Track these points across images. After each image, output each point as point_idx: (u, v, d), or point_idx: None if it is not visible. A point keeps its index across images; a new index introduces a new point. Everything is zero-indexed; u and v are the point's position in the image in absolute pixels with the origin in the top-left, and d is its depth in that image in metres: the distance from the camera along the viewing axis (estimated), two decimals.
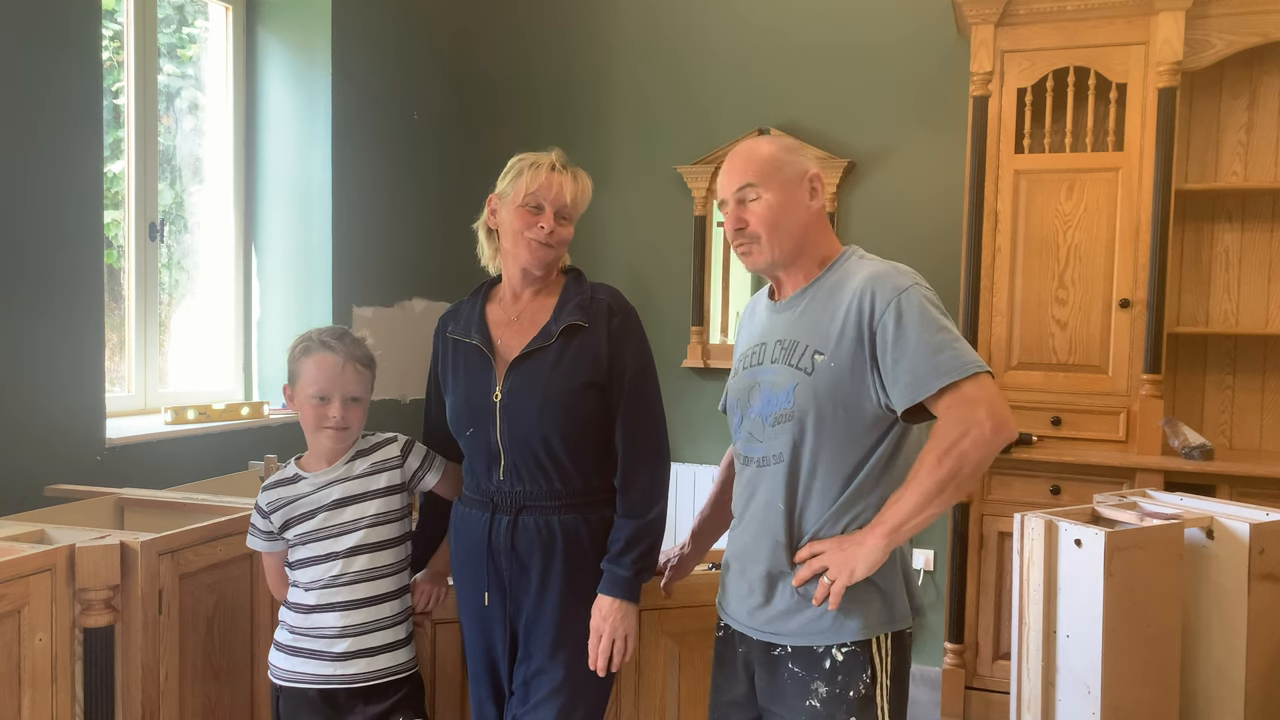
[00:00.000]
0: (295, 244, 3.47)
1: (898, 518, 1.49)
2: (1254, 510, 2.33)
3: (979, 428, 1.45)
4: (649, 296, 3.96)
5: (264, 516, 1.87)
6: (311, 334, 1.89)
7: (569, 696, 1.75)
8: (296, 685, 1.84)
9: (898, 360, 1.50)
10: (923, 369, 1.47)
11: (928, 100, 3.65)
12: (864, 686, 1.54)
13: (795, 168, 1.63)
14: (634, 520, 1.77)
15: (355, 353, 1.87)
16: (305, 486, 1.86)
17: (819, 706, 1.55)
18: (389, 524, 1.88)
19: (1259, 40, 3.03)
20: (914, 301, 1.51)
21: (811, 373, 1.55)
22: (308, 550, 1.85)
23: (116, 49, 2.95)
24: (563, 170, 1.82)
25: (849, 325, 1.54)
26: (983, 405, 1.45)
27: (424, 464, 1.93)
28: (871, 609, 1.55)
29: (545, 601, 1.77)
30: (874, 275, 1.56)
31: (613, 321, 1.81)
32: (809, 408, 1.55)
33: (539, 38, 4.15)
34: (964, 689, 3.24)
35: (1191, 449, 3.04)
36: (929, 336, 1.49)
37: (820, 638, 1.55)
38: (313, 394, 1.83)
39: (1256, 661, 2.24)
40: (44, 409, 2.45)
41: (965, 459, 1.45)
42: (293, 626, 1.86)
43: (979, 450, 1.45)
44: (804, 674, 1.56)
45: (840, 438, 1.55)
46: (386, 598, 1.86)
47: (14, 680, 1.68)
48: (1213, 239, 3.39)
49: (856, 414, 1.54)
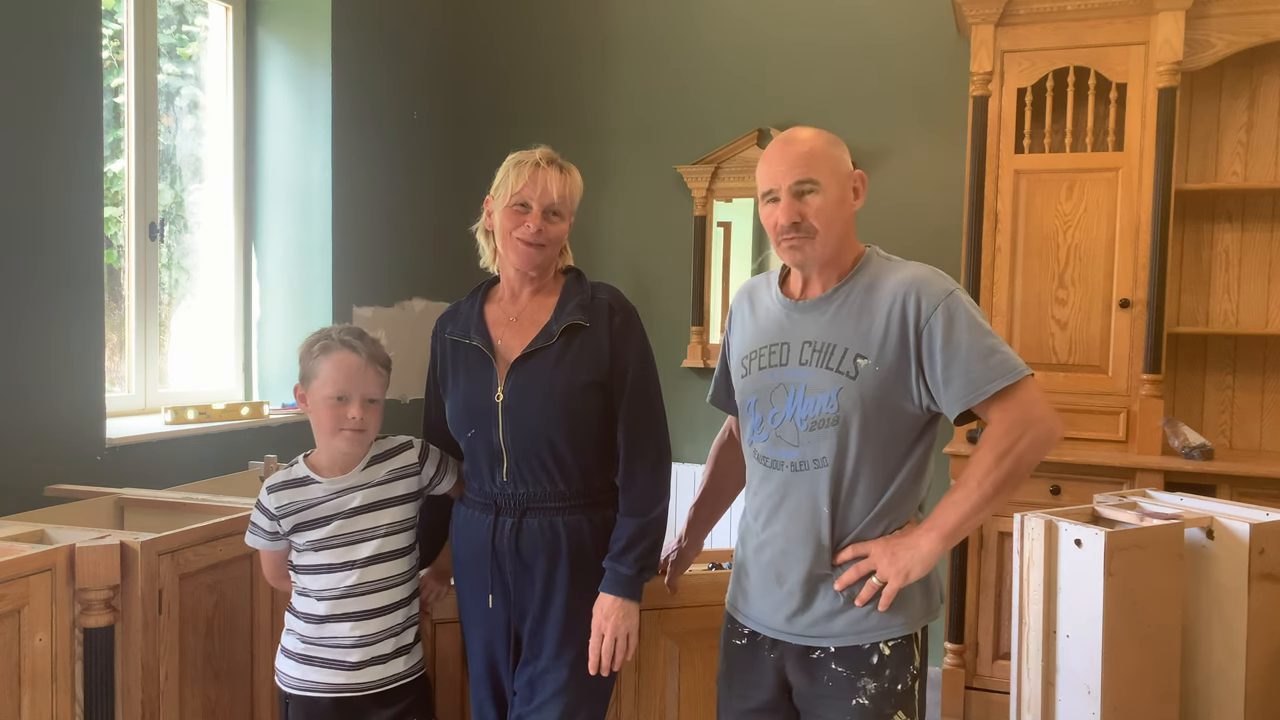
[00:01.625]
0: (295, 244, 3.46)
1: (954, 520, 1.50)
2: (1254, 510, 2.33)
3: (1038, 428, 1.48)
4: (649, 296, 3.96)
5: (272, 519, 1.80)
6: (329, 331, 1.82)
7: (573, 697, 1.75)
8: (309, 694, 1.80)
9: (949, 363, 1.51)
10: (977, 372, 1.49)
11: (928, 100, 3.65)
12: (910, 679, 1.57)
13: (846, 165, 1.62)
14: (636, 519, 1.77)
15: (375, 353, 1.82)
16: (320, 491, 1.80)
17: (868, 704, 1.55)
18: (403, 532, 1.84)
19: (1259, 40, 3.03)
20: (961, 305, 1.53)
21: (855, 376, 1.54)
22: (319, 557, 1.79)
23: (116, 48, 2.95)
24: (548, 166, 1.79)
25: (893, 328, 1.54)
26: (1039, 406, 1.49)
27: (440, 470, 1.89)
28: (915, 604, 1.58)
29: (550, 603, 1.77)
30: (915, 279, 1.56)
31: (614, 320, 1.80)
32: (854, 411, 1.54)
33: (539, 37, 4.15)
34: (964, 689, 3.24)
35: (1191, 449, 3.03)
36: (980, 340, 1.51)
37: (868, 635, 1.56)
38: (330, 394, 1.77)
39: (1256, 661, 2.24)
40: (44, 409, 2.45)
41: (1023, 460, 1.48)
42: (304, 635, 1.81)
43: (1038, 451, 1.49)
44: (849, 673, 1.56)
45: (884, 440, 1.56)
46: (398, 605, 1.83)
47: (14, 680, 1.68)
48: (1213, 239, 3.39)
49: (899, 417, 1.55)
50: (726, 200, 3.92)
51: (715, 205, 3.92)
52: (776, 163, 1.60)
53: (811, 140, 1.60)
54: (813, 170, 1.57)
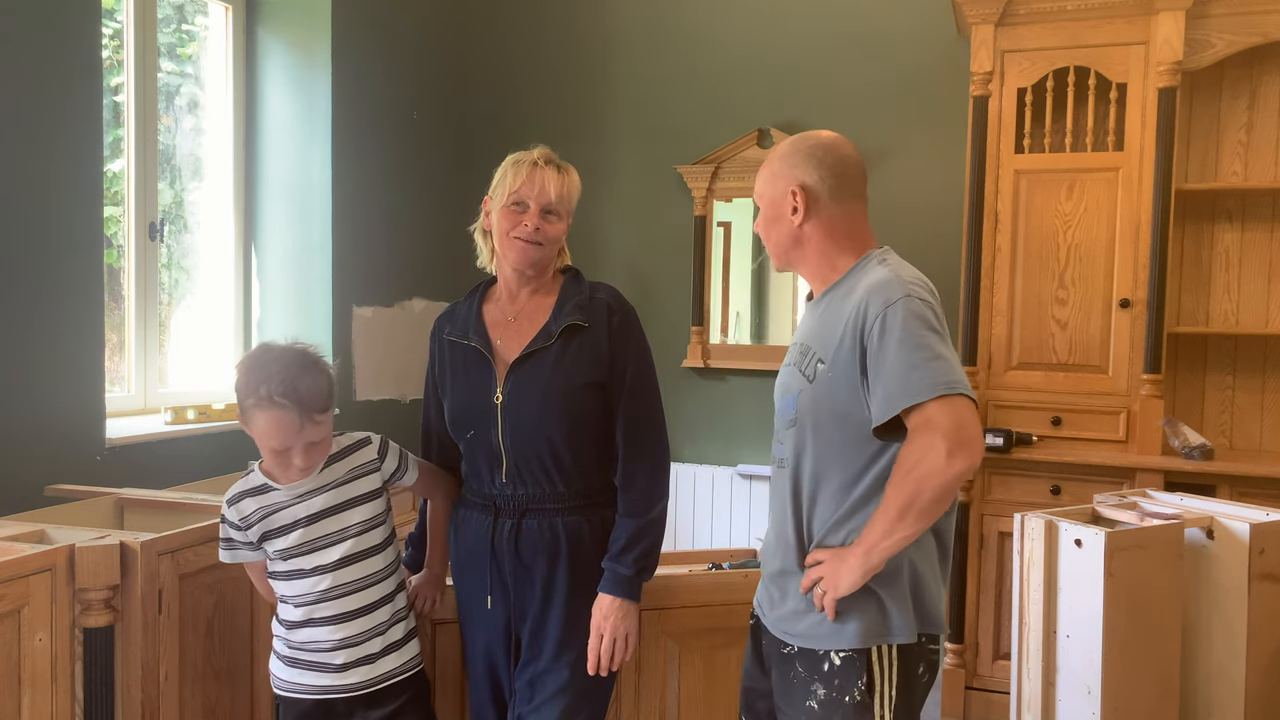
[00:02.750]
0: (295, 244, 3.46)
1: (870, 539, 1.47)
2: (1254, 510, 2.33)
3: (933, 453, 1.40)
4: (649, 296, 3.96)
5: (240, 530, 1.77)
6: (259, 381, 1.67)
7: (573, 697, 1.75)
8: (296, 695, 1.79)
9: (876, 375, 1.48)
10: (894, 386, 1.44)
11: (928, 100, 3.65)
12: (859, 694, 1.53)
13: (780, 185, 1.65)
14: (635, 519, 1.77)
15: (312, 404, 1.69)
16: (280, 496, 1.76)
17: (816, 708, 1.55)
18: (375, 529, 1.81)
19: (1259, 40, 3.03)
20: (899, 315, 1.47)
21: (813, 380, 1.57)
22: (290, 564, 1.77)
23: (116, 48, 2.94)
24: (546, 166, 1.79)
25: (847, 335, 1.53)
26: (940, 430, 1.39)
27: (400, 464, 1.87)
28: (869, 618, 1.52)
29: (550, 604, 1.77)
30: (873, 285, 1.53)
31: (613, 321, 1.80)
32: (808, 415, 1.57)
33: (539, 37, 4.15)
34: (964, 689, 3.24)
35: (1191, 449, 3.03)
36: (906, 354, 1.44)
37: (820, 641, 1.56)
38: (273, 446, 1.71)
39: (1256, 661, 2.24)
40: (44, 409, 2.45)
41: (923, 485, 1.41)
42: (287, 640, 1.80)
43: (934, 478, 1.40)
44: (806, 675, 1.58)
45: (839, 447, 1.55)
46: (379, 604, 1.80)
47: (14, 680, 1.68)
48: (1213, 239, 3.39)
49: (852, 424, 1.53)
50: (726, 200, 3.92)
51: (715, 205, 3.92)
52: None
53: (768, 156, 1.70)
54: (757, 186, 1.71)
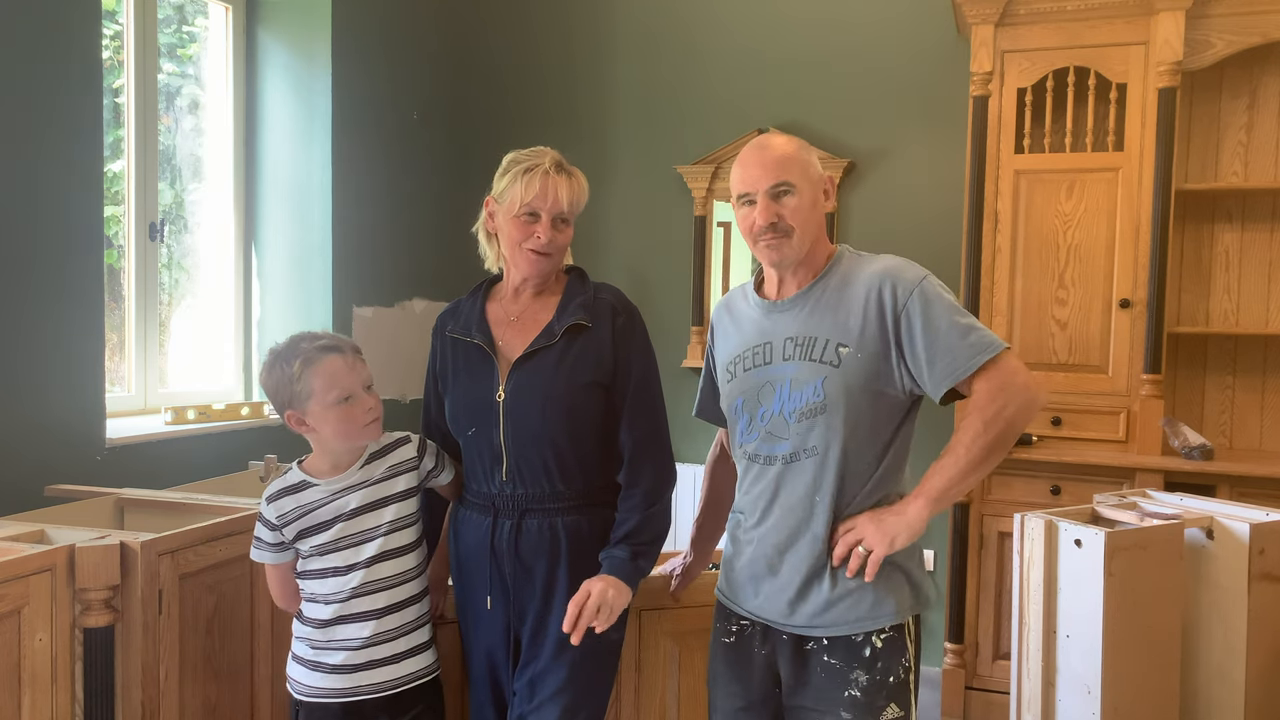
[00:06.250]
0: (295, 244, 3.46)
1: (942, 484, 1.56)
2: (1254, 510, 2.33)
3: (1023, 393, 1.54)
4: (649, 296, 3.96)
5: (274, 529, 1.78)
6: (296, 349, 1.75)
7: (573, 697, 1.74)
8: (320, 700, 1.78)
9: (931, 345, 1.57)
10: (959, 350, 1.56)
11: (928, 100, 3.65)
12: (902, 671, 1.60)
13: (817, 170, 1.70)
14: (637, 514, 1.77)
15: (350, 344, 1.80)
16: (318, 494, 1.78)
17: (860, 696, 1.57)
18: (408, 528, 1.82)
19: (1259, 40, 3.03)
20: (934, 290, 1.60)
21: (839, 364, 1.60)
22: (324, 561, 1.77)
23: (117, 48, 2.95)
24: (558, 173, 1.77)
25: (870, 316, 1.60)
26: (1020, 374, 1.56)
27: (438, 463, 1.88)
28: (904, 593, 1.61)
29: (550, 604, 1.76)
30: (889, 269, 1.64)
31: (617, 321, 1.80)
32: (840, 398, 1.60)
33: (539, 37, 4.15)
34: (964, 689, 3.24)
35: (1191, 449, 3.03)
36: (957, 320, 1.57)
37: (859, 625, 1.59)
38: (336, 399, 1.73)
39: (1256, 661, 2.24)
40: (44, 409, 2.45)
41: (1012, 424, 1.54)
42: (313, 641, 1.79)
43: (1025, 414, 1.55)
44: (841, 665, 1.59)
45: (870, 424, 1.61)
46: (409, 603, 1.81)
47: (14, 680, 1.68)
48: (1213, 239, 3.39)
49: (882, 401, 1.61)
50: (726, 200, 3.92)
51: (715, 205, 3.92)
52: (753, 167, 1.67)
53: (785, 146, 1.68)
54: (788, 174, 1.65)
